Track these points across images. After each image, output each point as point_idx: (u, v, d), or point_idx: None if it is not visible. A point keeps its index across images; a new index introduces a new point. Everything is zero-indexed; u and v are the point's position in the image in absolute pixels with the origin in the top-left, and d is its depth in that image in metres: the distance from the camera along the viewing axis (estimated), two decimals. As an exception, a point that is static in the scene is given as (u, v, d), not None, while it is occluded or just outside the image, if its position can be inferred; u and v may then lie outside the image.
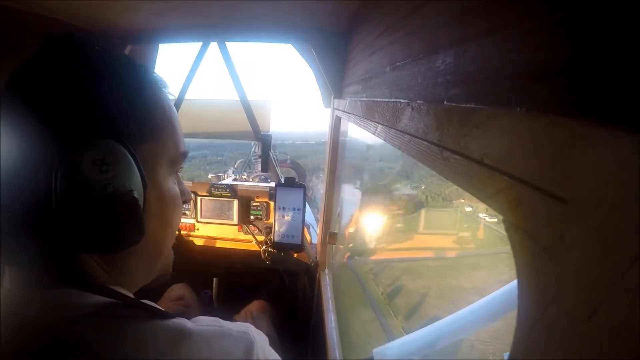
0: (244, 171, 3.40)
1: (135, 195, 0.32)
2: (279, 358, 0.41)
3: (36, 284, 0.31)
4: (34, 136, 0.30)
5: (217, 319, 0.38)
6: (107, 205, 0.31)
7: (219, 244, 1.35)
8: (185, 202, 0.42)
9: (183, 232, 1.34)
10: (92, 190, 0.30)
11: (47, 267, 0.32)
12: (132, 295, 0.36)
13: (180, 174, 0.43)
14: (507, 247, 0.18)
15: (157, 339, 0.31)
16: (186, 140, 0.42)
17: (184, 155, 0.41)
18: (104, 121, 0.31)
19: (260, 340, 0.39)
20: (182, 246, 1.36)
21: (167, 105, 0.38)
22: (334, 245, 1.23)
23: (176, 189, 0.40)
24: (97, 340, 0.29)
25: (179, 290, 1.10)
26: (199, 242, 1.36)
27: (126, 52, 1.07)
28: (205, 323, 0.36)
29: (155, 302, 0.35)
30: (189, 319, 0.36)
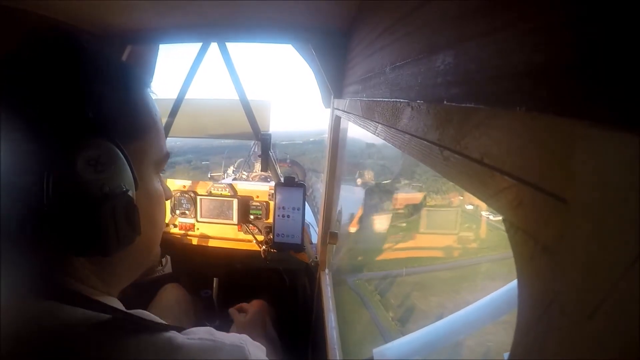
0: (244, 171, 3.40)
1: (131, 195, 0.32)
2: None
3: (22, 296, 0.30)
4: (24, 136, 0.28)
5: (210, 330, 0.36)
6: (104, 206, 0.30)
7: (219, 244, 1.35)
8: (166, 199, 0.42)
9: (181, 232, 1.34)
10: (87, 191, 0.29)
11: (33, 278, 0.30)
12: (120, 303, 0.35)
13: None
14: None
15: (144, 355, 0.30)
16: (168, 144, 0.42)
17: (167, 156, 0.41)
18: (95, 120, 0.30)
19: (256, 352, 0.37)
20: (182, 247, 1.36)
21: (152, 105, 0.38)
22: (334, 245, 1.23)
23: (161, 188, 0.40)
24: (81, 356, 0.28)
25: (171, 290, 1.10)
26: (198, 242, 1.36)
27: (126, 52, 1.07)
28: (196, 336, 0.34)
29: (148, 303, 0.35)
30: (181, 330, 0.34)
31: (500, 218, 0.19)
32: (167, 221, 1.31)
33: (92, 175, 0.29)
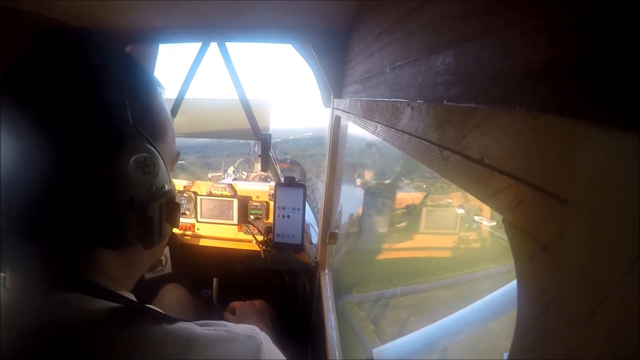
0: (244, 171, 3.40)
1: (172, 193, 0.35)
2: (284, 358, 0.42)
3: (44, 289, 0.31)
4: (72, 139, 0.30)
5: (224, 322, 0.38)
6: (153, 205, 0.33)
7: (219, 244, 1.35)
8: None
9: (181, 232, 1.34)
10: (139, 192, 0.32)
11: (56, 272, 0.31)
12: (134, 298, 0.37)
13: None
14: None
15: (166, 344, 0.31)
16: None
17: (179, 155, 0.43)
18: (137, 124, 0.32)
19: (266, 341, 0.39)
20: (182, 247, 1.36)
21: (166, 106, 0.40)
22: (334, 245, 1.23)
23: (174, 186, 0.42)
24: (107, 347, 0.29)
25: (172, 290, 1.10)
26: (199, 242, 1.36)
27: (126, 52, 1.06)
28: (212, 327, 0.36)
29: (149, 303, 0.35)
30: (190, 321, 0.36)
31: (494, 224, 0.19)
32: None
33: (141, 177, 0.32)
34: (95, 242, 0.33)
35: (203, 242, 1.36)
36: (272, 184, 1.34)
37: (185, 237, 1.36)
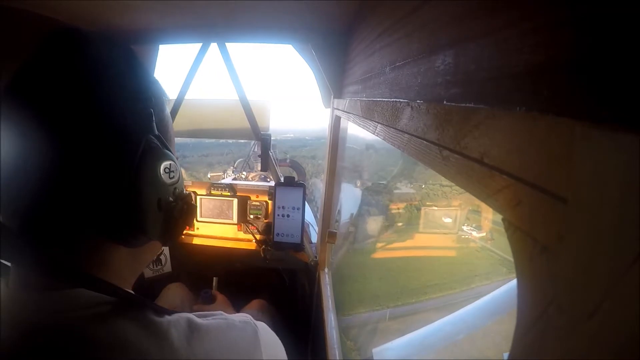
0: (243, 171, 3.39)
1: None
2: (279, 340, 0.45)
3: (47, 285, 0.32)
4: (110, 148, 0.31)
5: (220, 311, 0.40)
6: (177, 206, 0.36)
7: (219, 244, 1.35)
8: None
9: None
10: (164, 194, 0.35)
11: (60, 268, 0.32)
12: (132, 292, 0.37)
13: None
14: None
15: (170, 332, 0.32)
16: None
17: (177, 159, 0.44)
18: (161, 132, 0.35)
19: (261, 325, 0.41)
20: (182, 247, 1.36)
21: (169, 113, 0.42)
22: (333, 245, 1.23)
23: None
24: (113, 338, 0.30)
25: (175, 289, 1.11)
26: (198, 241, 1.36)
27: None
28: (209, 317, 0.38)
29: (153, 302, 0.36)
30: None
31: (484, 234, 0.19)
32: None
33: (168, 181, 0.35)
34: (117, 240, 0.34)
35: (203, 242, 1.36)
36: (272, 183, 1.34)
37: (187, 236, 1.36)
